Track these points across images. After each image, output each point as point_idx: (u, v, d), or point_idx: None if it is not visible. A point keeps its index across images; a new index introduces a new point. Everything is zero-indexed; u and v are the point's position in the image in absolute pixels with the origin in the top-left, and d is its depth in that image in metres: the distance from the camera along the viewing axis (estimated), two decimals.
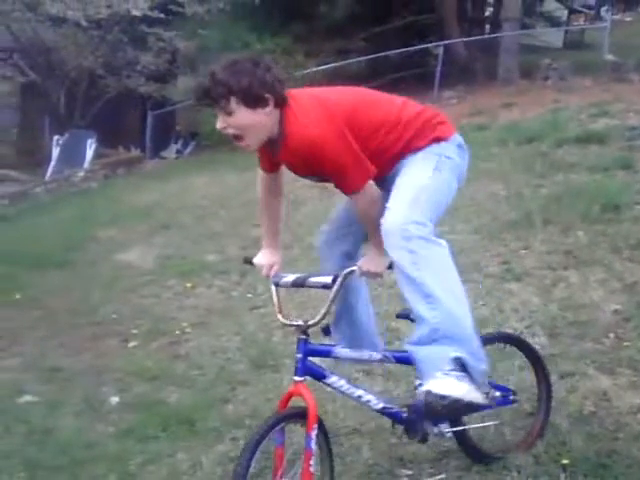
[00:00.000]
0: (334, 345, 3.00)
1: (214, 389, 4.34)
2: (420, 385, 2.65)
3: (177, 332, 5.30)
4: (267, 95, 2.48)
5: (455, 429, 2.93)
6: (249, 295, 5.92)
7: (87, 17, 13.71)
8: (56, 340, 5.35)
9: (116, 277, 6.62)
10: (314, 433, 2.53)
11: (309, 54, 14.99)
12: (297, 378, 2.63)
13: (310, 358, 2.71)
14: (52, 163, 13.97)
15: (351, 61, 16.96)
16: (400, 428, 2.97)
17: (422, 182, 2.61)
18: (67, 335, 5.41)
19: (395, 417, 2.92)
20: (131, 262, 7.03)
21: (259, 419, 3.33)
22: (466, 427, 2.99)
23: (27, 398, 4.45)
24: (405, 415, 2.88)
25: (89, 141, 14.13)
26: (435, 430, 2.87)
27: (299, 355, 2.67)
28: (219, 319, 5.47)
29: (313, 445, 2.52)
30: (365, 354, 2.97)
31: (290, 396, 2.63)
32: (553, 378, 3.41)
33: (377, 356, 2.96)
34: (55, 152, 14.10)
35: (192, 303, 5.89)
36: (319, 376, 2.78)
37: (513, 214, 6.23)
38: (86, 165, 13.75)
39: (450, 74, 14.83)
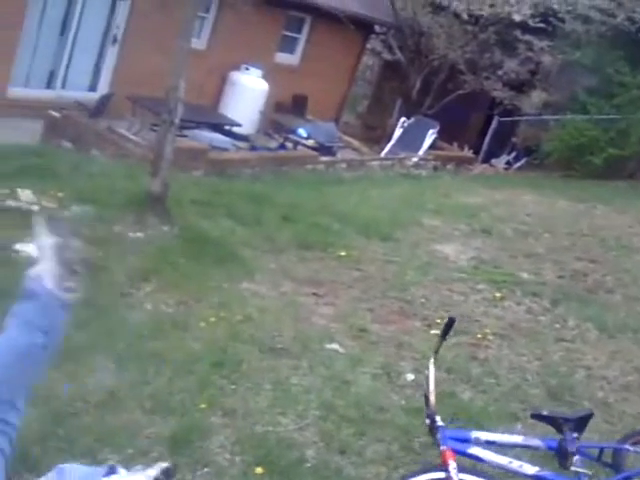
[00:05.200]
0: None
1: (507, 403, 4.36)
2: None
3: (479, 336, 5.35)
4: None
5: None
6: (557, 325, 5.78)
7: (469, 11, 14.03)
8: (367, 304, 5.70)
9: (431, 264, 6.83)
10: None
11: None
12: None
13: None
14: (391, 142, 14.60)
15: None
16: None
17: None
18: (378, 302, 5.74)
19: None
20: (447, 255, 7.20)
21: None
22: None
23: (334, 346, 4.82)
24: None
25: (431, 131, 14.53)
26: None
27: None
28: (522, 338, 5.41)
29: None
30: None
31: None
32: None
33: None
34: (397, 133, 14.71)
35: (498, 313, 5.88)
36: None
37: None
38: (421, 152, 14.20)
39: None
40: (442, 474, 3.00)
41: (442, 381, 4.50)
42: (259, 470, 3.39)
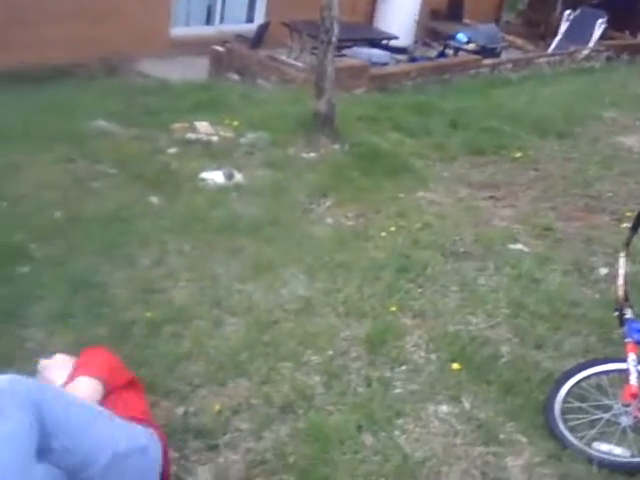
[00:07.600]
0: None
1: None
2: None
3: None
4: None
5: None
6: None
7: None
8: (548, 203, 5.52)
9: (614, 157, 6.47)
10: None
11: None
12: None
13: None
14: (557, 37, 13.79)
15: None
16: None
17: None
18: (560, 200, 5.54)
19: None
20: (631, 147, 6.78)
21: None
22: None
23: (518, 246, 4.74)
24: None
25: (599, 21, 13.56)
26: None
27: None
28: None
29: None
30: None
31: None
32: None
33: None
34: (563, 27, 13.86)
35: None
36: None
37: None
38: (591, 44, 13.31)
39: None
40: (623, 365, 3.00)
41: (638, 274, 4.31)
42: (455, 366, 3.44)
